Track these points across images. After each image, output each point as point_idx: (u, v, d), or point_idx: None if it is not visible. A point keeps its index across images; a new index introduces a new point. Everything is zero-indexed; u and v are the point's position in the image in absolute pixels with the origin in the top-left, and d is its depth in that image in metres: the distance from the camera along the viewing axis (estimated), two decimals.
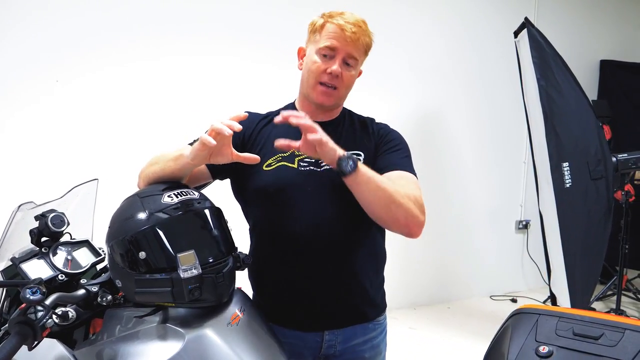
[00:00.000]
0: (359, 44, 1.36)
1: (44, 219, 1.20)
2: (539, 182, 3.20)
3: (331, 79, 1.34)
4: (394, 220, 1.26)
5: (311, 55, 1.37)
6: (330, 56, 1.34)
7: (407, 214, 1.24)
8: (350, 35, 1.33)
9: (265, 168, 1.35)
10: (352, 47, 1.34)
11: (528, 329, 1.15)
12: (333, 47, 1.34)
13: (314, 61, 1.35)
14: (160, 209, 1.08)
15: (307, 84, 1.38)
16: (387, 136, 1.44)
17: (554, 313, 1.17)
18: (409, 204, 1.24)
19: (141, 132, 2.92)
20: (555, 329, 1.12)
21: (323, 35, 1.35)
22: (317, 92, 1.36)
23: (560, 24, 4.38)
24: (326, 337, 1.38)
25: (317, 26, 1.38)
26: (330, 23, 1.35)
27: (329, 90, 1.35)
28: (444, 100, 4.02)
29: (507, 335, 1.17)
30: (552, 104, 3.06)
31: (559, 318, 1.14)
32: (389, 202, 1.22)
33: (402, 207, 1.23)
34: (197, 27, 3.09)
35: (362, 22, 1.37)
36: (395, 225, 1.27)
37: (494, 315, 3.85)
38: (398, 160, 1.39)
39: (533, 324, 1.15)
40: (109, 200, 1.34)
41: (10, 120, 2.69)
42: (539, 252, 3.95)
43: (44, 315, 0.93)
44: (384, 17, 3.33)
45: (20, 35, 2.68)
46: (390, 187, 1.24)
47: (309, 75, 1.37)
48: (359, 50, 1.37)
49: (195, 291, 1.02)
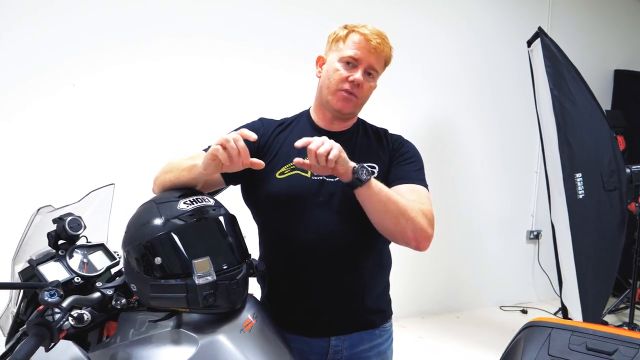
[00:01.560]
0: (381, 56, 1.38)
1: (62, 222, 1.22)
2: (551, 192, 3.18)
3: (352, 87, 1.35)
4: (402, 233, 1.26)
5: (333, 63, 1.38)
6: (353, 65, 1.36)
7: (415, 228, 1.25)
8: (375, 45, 1.35)
9: (279, 176, 1.36)
10: (374, 58, 1.36)
11: (540, 343, 1.14)
12: (357, 57, 1.35)
13: (336, 69, 1.37)
14: (176, 216, 1.09)
15: (328, 90, 1.39)
16: (402, 148, 1.45)
17: (567, 327, 1.16)
18: (418, 218, 1.25)
19: (157, 137, 2.95)
20: (568, 343, 1.11)
21: (347, 45, 1.36)
22: (337, 97, 1.37)
23: (574, 34, 4.36)
24: (333, 342, 1.39)
25: (340, 35, 1.39)
26: (355, 33, 1.36)
27: (349, 97, 1.36)
28: (455, 108, 4.02)
29: (519, 348, 1.17)
30: (565, 114, 3.05)
31: (572, 332, 1.13)
32: (398, 215, 1.23)
33: (411, 221, 1.24)
34: (218, 30, 3.11)
35: (384, 35, 1.39)
36: (403, 239, 1.28)
37: (504, 326, 3.82)
38: (411, 172, 1.40)
39: (546, 337, 1.15)
40: (123, 204, 1.36)
41: (30, 126, 2.72)
42: (550, 263, 3.92)
43: (61, 317, 0.94)
44: (396, 26, 3.33)
45: (35, 39, 2.71)
46: (400, 200, 1.24)
47: (329, 83, 1.38)
48: (380, 62, 1.39)
49: (209, 297, 1.03)
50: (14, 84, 2.67)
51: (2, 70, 2.65)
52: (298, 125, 1.47)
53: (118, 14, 2.87)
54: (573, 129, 3.06)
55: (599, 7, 4.63)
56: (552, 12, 4.33)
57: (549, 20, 4.27)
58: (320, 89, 1.43)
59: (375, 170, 1.39)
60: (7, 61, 2.66)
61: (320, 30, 1.61)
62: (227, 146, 1.09)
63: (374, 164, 1.40)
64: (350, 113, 1.42)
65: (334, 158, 1.13)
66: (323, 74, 1.42)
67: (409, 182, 1.36)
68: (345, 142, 1.38)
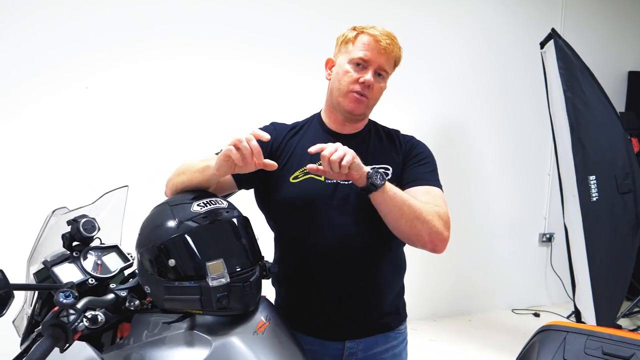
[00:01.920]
0: (391, 57, 1.37)
1: (76, 224, 1.23)
2: (564, 195, 3.16)
3: (363, 89, 1.35)
4: (418, 237, 1.26)
5: (342, 65, 1.38)
6: (363, 66, 1.36)
7: (431, 231, 1.24)
8: (384, 46, 1.34)
9: (292, 180, 1.36)
10: (384, 59, 1.36)
11: (556, 347, 1.13)
12: (367, 58, 1.35)
13: (346, 70, 1.36)
14: (190, 218, 1.10)
15: (338, 92, 1.38)
16: (414, 149, 1.44)
17: (583, 331, 1.15)
18: (433, 221, 1.24)
19: (170, 140, 2.96)
20: (584, 348, 1.10)
21: (357, 46, 1.36)
22: (348, 99, 1.36)
23: (587, 35, 4.32)
24: (347, 345, 1.39)
25: (349, 37, 1.38)
26: (365, 34, 1.36)
27: (361, 98, 1.36)
28: (466, 110, 4.00)
29: (534, 352, 1.16)
30: (579, 116, 3.02)
31: (588, 336, 1.12)
32: (414, 218, 1.22)
33: (427, 224, 1.23)
34: (232, 33, 3.12)
35: (393, 36, 1.39)
36: (420, 242, 1.28)
37: (516, 329, 3.79)
38: (425, 174, 1.39)
39: (561, 341, 1.14)
40: (137, 206, 1.37)
41: (45, 127, 2.75)
42: (562, 266, 3.89)
43: (76, 318, 0.95)
44: (405, 28, 3.32)
45: (48, 41, 2.74)
46: (416, 203, 1.24)
47: (340, 85, 1.37)
48: (390, 63, 1.38)
49: (223, 300, 1.03)
50: (28, 83, 2.70)
51: (16, 69, 2.68)
52: (310, 128, 1.47)
53: (132, 14, 2.90)
54: (586, 131, 3.03)
55: (612, 8, 4.59)
56: (565, 13, 4.29)
57: (561, 21, 4.24)
58: (331, 91, 1.43)
59: (389, 172, 1.38)
60: (19, 59, 2.68)
61: (328, 33, 1.61)
62: (240, 146, 1.09)
63: (387, 165, 1.39)
64: (362, 114, 1.42)
65: (347, 164, 1.13)
66: (333, 76, 1.42)
67: (424, 184, 1.36)
68: (358, 145, 1.38)
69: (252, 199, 1.47)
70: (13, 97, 2.68)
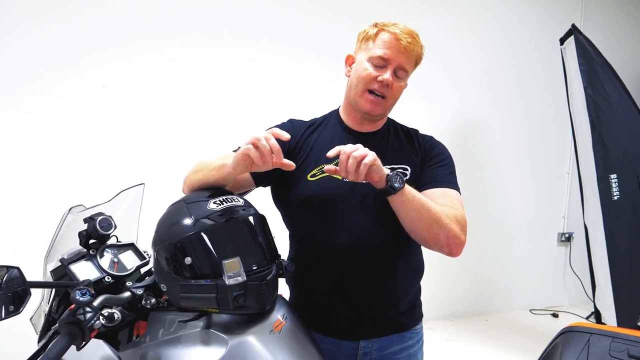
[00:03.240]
0: (412, 55, 1.35)
1: (93, 221, 1.23)
2: (584, 193, 3.11)
3: (381, 88, 1.33)
4: (435, 240, 1.23)
5: (362, 63, 1.35)
6: (382, 65, 1.33)
7: (449, 234, 1.22)
8: (405, 45, 1.31)
9: (310, 178, 1.35)
10: (404, 58, 1.33)
11: (579, 349, 1.10)
12: (386, 57, 1.32)
13: (364, 68, 1.34)
14: (206, 215, 1.09)
15: (356, 90, 1.36)
16: (434, 150, 1.42)
17: (607, 333, 1.12)
18: (451, 224, 1.22)
19: (187, 137, 2.97)
20: (608, 350, 1.07)
21: (377, 44, 1.34)
22: (365, 99, 1.35)
23: (608, 31, 4.24)
24: (361, 344, 1.38)
25: (370, 34, 1.36)
26: (385, 32, 1.33)
27: (378, 99, 1.34)
28: (483, 108, 3.95)
29: (557, 353, 1.13)
30: (600, 113, 2.97)
31: (613, 338, 1.09)
32: (432, 221, 1.20)
33: (444, 228, 1.21)
34: (248, 33, 3.13)
35: (415, 34, 1.36)
36: (437, 245, 1.26)
37: (534, 330, 3.74)
38: (443, 176, 1.37)
39: (584, 343, 1.11)
40: (153, 204, 1.36)
41: (62, 126, 2.77)
42: (581, 266, 3.83)
43: (92, 316, 0.95)
44: (421, 27, 3.27)
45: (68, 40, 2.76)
46: (434, 206, 1.21)
47: (358, 82, 1.36)
48: (410, 62, 1.36)
49: (239, 298, 1.02)
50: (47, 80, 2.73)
51: (36, 66, 2.71)
52: (328, 125, 1.45)
53: (150, 14, 2.91)
54: (607, 129, 2.98)
55: (634, 3, 4.50)
56: (585, 8, 4.22)
57: (581, 17, 4.17)
58: (349, 88, 1.41)
59: (407, 173, 1.36)
60: (39, 57, 2.71)
61: (343, 32, 1.60)
62: (259, 144, 1.07)
63: (406, 166, 1.37)
64: (380, 115, 1.40)
65: (369, 163, 1.10)
66: (352, 73, 1.40)
67: (441, 186, 1.34)
68: (377, 144, 1.36)
69: (268, 197, 1.46)
70: (32, 95, 2.71)
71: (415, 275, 1.46)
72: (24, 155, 2.72)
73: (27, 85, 2.69)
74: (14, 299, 1.01)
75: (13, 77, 2.67)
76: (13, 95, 2.67)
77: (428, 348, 1.55)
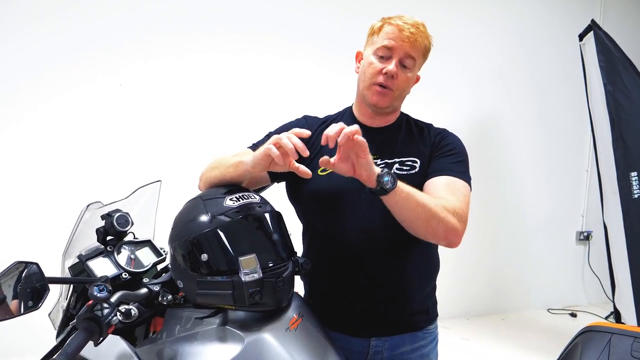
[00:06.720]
0: (417, 45, 1.33)
1: (110, 218, 1.24)
2: (604, 192, 3.06)
3: (386, 80, 1.32)
4: (434, 234, 1.22)
5: (368, 57, 1.36)
6: (387, 57, 1.33)
7: (446, 228, 1.19)
8: (408, 35, 1.30)
9: (321, 173, 1.34)
10: (409, 47, 1.32)
11: (600, 349, 1.08)
12: (390, 46, 1.32)
13: (370, 62, 1.34)
14: (223, 212, 1.09)
15: (363, 84, 1.37)
16: (443, 140, 1.40)
17: (629, 333, 1.10)
18: (448, 217, 1.19)
19: (203, 134, 2.99)
20: (630, 350, 1.05)
21: (381, 36, 1.34)
22: (372, 91, 1.34)
23: (629, 26, 4.17)
24: (373, 343, 1.37)
25: (375, 29, 1.37)
26: (389, 24, 1.34)
27: (384, 90, 1.33)
28: (500, 106, 3.91)
29: (577, 353, 1.11)
30: (620, 110, 2.92)
31: (635, 338, 1.07)
32: (429, 217, 1.17)
33: (442, 222, 1.18)
34: (263, 29, 3.15)
35: (421, 25, 1.35)
36: (435, 238, 1.24)
37: (552, 329, 3.70)
38: (448, 164, 1.34)
39: (605, 343, 1.09)
40: (170, 201, 1.37)
41: (78, 123, 2.81)
42: (601, 265, 3.77)
43: (110, 312, 0.95)
44: (437, 24, 3.27)
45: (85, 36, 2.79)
46: (429, 202, 1.18)
47: (364, 76, 1.36)
48: (416, 51, 1.34)
49: (255, 295, 1.02)
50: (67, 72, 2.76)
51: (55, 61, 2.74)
52: (341, 121, 1.44)
53: (167, 11, 2.94)
54: (628, 126, 2.92)
55: None
56: (605, 3, 4.15)
57: (601, 12, 4.10)
58: (358, 83, 1.41)
59: (417, 165, 1.35)
60: (58, 53, 2.74)
61: (355, 28, 1.59)
62: (281, 143, 1.06)
63: (415, 158, 1.36)
64: (388, 107, 1.38)
65: (360, 142, 1.05)
66: (360, 68, 1.41)
67: (446, 174, 1.31)
68: (388, 138, 1.35)
69: (284, 194, 1.46)
70: (52, 92, 2.75)
71: (429, 272, 1.44)
72: (43, 153, 2.75)
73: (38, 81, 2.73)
74: (33, 294, 1.02)
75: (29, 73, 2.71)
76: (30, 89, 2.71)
77: (444, 347, 1.53)
